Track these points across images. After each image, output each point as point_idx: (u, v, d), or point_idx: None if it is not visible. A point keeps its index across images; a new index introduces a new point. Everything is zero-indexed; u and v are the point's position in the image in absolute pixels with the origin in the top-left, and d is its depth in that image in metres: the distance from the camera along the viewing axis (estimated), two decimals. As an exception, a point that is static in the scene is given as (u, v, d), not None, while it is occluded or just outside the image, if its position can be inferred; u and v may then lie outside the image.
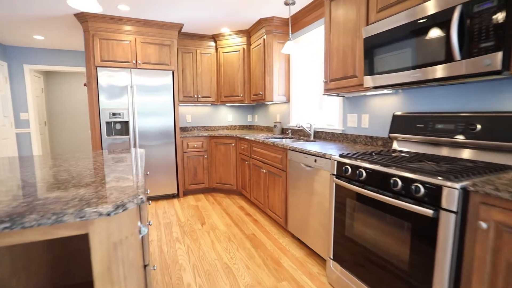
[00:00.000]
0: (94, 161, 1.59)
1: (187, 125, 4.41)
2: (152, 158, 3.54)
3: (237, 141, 3.71)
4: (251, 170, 3.29)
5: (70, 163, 1.52)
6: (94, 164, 1.51)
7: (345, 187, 1.63)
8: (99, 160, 1.63)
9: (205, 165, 3.89)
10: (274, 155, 2.66)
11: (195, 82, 4.03)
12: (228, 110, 4.65)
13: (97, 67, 3.20)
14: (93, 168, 1.40)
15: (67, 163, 1.53)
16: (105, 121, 3.28)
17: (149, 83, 3.43)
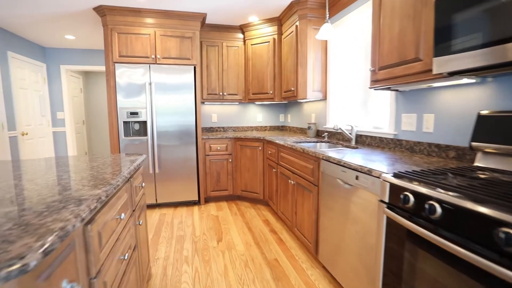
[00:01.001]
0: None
1: (212, 125, 4.09)
2: (172, 161, 3.26)
3: (265, 145, 3.25)
4: (278, 179, 2.81)
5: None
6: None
7: (403, 225, 1.07)
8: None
9: (229, 170, 3.51)
10: (304, 165, 2.15)
11: (221, 78, 3.67)
12: (257, 109, 4.22)
13: (115, 63, 3.01)
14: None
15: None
16: (122, 120, 3.08)
17: (169, 79, 3.15)
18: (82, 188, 0.98)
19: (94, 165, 1.42)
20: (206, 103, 4.01)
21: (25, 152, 3.92)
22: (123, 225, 1.20)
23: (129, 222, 1.33)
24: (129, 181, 1.42)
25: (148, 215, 3.10)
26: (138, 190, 1.61)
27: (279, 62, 3.46)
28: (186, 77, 3.19)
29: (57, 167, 1.39)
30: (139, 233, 1.56)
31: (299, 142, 2.72)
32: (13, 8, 2.93)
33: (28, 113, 4.02)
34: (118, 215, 1.13)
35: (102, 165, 1.42)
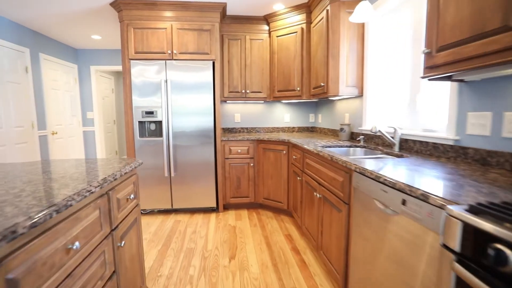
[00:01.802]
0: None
1: (235, 126, 3.80)
2: (188, 164, 3.03)
3: (289, 148, 2.87)
4: (303, 189, 2.42)
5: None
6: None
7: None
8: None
9: (251, 176, 3.19)
10: (332, 176, 1.74)
11: (243, 74, 3.37)
12: (284, 108, 3.84)
13: (131, 60, 2.86)
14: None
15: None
16: (137, 120, 2.93)
17: (186, 76, 2.92)
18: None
19: (67, 174, 1.18)
20: (228, 102, 3.74)
21: (55, 151, 4.02)
22: (82, 255, 0.93)
23: (99, 247, 1.06)
24: (107, 194, 1.16)
25: (162, 221, 2.91)
26: (124, 203, 1.35)
27: (307, 55, 3.05)
28: (204, 74, 2.94)
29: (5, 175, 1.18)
30: (122, 256, 1.29)
31: (328, 147, 2.30)
32: (32, 7, 2.93)
33: (58, 113, 4.12)
34: (70, 245, 0.86)
35: (76, 173, 1.18)
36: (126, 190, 1.37)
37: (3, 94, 3.15)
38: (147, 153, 2.96)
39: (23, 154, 3.41)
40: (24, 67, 3.47)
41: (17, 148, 3.34)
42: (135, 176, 1.51)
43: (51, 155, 3.92)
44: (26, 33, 3.51)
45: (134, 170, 1.53)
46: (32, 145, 3.58)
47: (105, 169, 1.28)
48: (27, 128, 3.50)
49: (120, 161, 1.51)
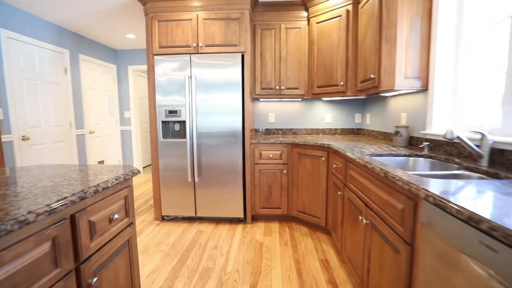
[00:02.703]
0: None
1: (269, 127, 3.42)
2: (214, 168, 2.74)
3: (329, 155, 2.40)
4: (344, 206, 1.94)
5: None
6: None
7: None
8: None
9: (284, 184, 2.78)
10: (385, 199, 1.25)
11: (278, 68, 2.97)
12: (326, 107, 3.34)
13: (155, 55, 2.67)
14: None
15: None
16: (161, 120, 2.72)
17: (212, 72, 2.63)
18: None
19: (32, 187, 0.93)
20: (261, 100, 3.37)
21: (92, 149, 4.10)
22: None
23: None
24: (70, 218, 0.88)
25: (184, 230, 2.66)
26: (105, 226, 1.06)
27: (353, 42, 2.53)
28: (232, 68, 2.61)
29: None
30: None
31: (379, 155, 1.78)
32: (60, 5, 2.92)
33: (96, 112, 4.20)
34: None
35: (39, 188, 0.92)
36: (109, 209, 1.09)
37: (43, 94, 3.24)
38: (170, 155, 2.75)
39: (60, 152, 3.49)
40: (63, 68, 3.55)
41: (55, 146, 3.42)
42: (126, 190, 1.22)
43: (88, 154, 4.00)
44: (67, 35, 3.60)
45: (128, 181, 1.25)
46: (70, 144, 3.66)
47: (85, 181, 1.01)
48: (65, 127, 3.58)
49: (111, 170, 1.24)
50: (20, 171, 1.24)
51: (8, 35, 2.83)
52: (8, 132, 2.84)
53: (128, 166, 1.34)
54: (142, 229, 2.69)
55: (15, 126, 2.90)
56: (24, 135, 3.01)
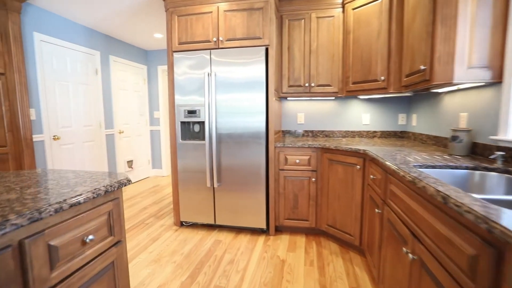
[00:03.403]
0: None
1: (297, 128, 3.11)
2: (235, 174, 2.52)
3: (365, 162, 2.03)
4: (383, 228, 1.57)
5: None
6: None
7: None
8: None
9: (312, 193, 2.46)
10: (444, 233, 0.89)
11: (307, 63, 2.66)
12: (362, 106, 2.93)
13: (174, 52, 2.53)
14: None
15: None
16: (179, 120, 2.58)
17: (233, 68, 2.41)
18: None
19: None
20: (289, 99, 3.07)
21: (121, 149, 4.15)
22: None
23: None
24: (20, 245, 0.70)
25: (201, 239, 2.48)
26: (76, 250, 0.88)
27: (398, 28, 2.12)
28: (255, 64, 2.37)
29: None
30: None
31: (430, 166, 1.39)
32: (86, 5, 2.92)
33: (126, 112, 4.26)
34: None
35: None
36: (82, 229, 0.90)
37: (74, 95, 3.32)
38: (189, 158, 2.59)
39: (90, 152, 3.57)
40: (94, 69, 3.62)
41: (85, 146, 3.50)
42: (110, 204, 1.04)
43: (117, 153, 4.06)
44: (98, 37, 3.67)
45: (114, 193, 1.06)
46: (99, 143, 3.73)
47: (54, 195, 0.84)
48: (95, 127, 3.65)
49: (96, 179, 1.06)
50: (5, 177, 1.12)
51: (41, 39, 2.92)
52: (40, 132, 2.93)
53: (119, 174, 1.16)
54: (160, 235, 2.57)
55: (47, 126, 2.98)
56: (55, 134, 3.09)
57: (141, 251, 2.27)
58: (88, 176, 1.14)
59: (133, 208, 3.30)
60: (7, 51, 2.56)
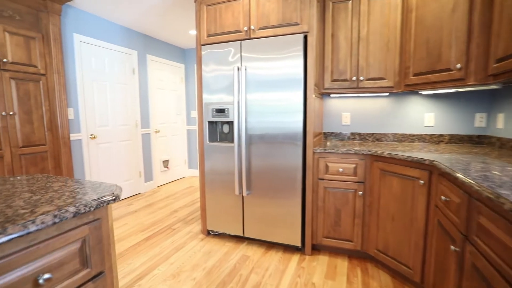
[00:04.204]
0: None
1: (342, 130, 2.68)
2: (266, 181, 2.21)
3: (432, 177, 1.55)
4: (464, 275, 1.11)
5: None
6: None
7: None
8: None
9: (358, 210, 2.04)
10: None
11: (355, 53, 2.22)
12: (425, 104, 2.38)
13: (202, 46, 2.31)
14: None
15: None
16: (207, 120, 2.36)
17: (266, 60, 2.10)
18: None
19: None
20: (332, 96, 2.66)
21: (157, 148, 4.14)
22: None
23: None
24: None
25: (227, 253, 2.22)
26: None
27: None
28: (291, 55, 2.02)
29: None
30: None
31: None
32: (121, 3, 2.87)
33: (163, 111, 4.24)
34: None
35: None
36: (36, 265, 0.68)
37: (111, 94, 3.36)
38: (217, 162, 2.36)
39: (126, 151, 3.59)
40: (131, 68, 3.64)
41: (121, 145, 3.52)
42: (86, 228, 0.81)
43: (153, 153, 4.05)
44: (135, 36, 3.67)
45: (93, 213, 0.83)
46: (135, 142, 3.74)
47: (4, 216, 0.63)
48: (131, 127, 3.67)
49: (73, 195, 0.84)
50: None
51: (81, 40, 2.97)
52: (78, 131, 2.98)
53: (108, 187, 0.94)
54: (184, 243, 2.39)
55: (84, 125, 3.03)
56: (92, 133, 3.14)
57: (162, 261, 2.10)
58: (77, 187, 0.94)
59: (163, 210, 3.21)
60: (48, 53, 2.62)
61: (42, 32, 2.60)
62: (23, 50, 2.45)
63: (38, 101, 2.57)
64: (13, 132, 2.40)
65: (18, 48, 2.42)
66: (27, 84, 2.49)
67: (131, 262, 2.10)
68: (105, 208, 0.89)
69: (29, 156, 2.51)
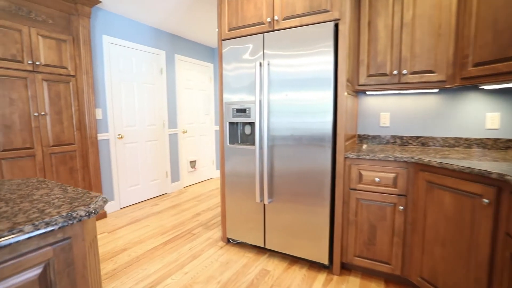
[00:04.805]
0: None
1: (380, 132, 2.35)
2: (290, 188, 1.99)
3: (502, 195, 1.20)
4: None
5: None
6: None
7: None
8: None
9: (398, 227, 1.72)
10: None
11: (397, 42, 1.90)
12: (487, 102, 1.96)
13: (223, 41, 2.16)
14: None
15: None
16: (227, 121, 2.20)
17: (291, 54, 1.87)
18: None
19: None
20: (368, 94, 2.34)
21: (184, 149, 4.12)
22: None
23: None
24: None
25: (245, 265, 2.04)
26: None
27: None
28: (319, 48, 1.77)
29: None
30: None
31: None
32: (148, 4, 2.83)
33: (191, 112, 4.21)
34: None
35: None
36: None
37: (139, 95, 3.38)
38: (237, 164, 2.19)
39: (153, 151, 3.60)
40: (159, 68, 3.64)
41: (148, 145, 3.54)
42: (50, 250, 0.67)
43: (180, 153, 4.03)
44: (163, 36, 3.67)
45: (61, 231, 0.70)
46: (162, 143, 3.74)
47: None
48: (158, 127, 3.67)
49: (39, 213, 0.72)
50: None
51: (110, 41, 3.02)
52: (106, 131, 3.03)
53: (90, 199, 0.80)
54: (202, 251, 2.26)
55: (112, 125, 3.08)
56: (120, 133, 3.18)
57: (176, 269, 1.99)
58: (59, 196, 0.83)
59: (187, 213, 3.13)
60: (78, 55, 2.68)
61: (73, 35, 2.66)
62: (54, 53, 2.52)
63: (68, 102, 2.64)
64: (45, 131, 2.48)
65: (50, 50, 2.49)
66: (58, 85, 2.56)
67: (146, 267, 2.02)
68: (80, 224, 0.75)
69: (59, 155, 2.59)
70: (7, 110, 2.26)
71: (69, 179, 2.67)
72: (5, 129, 2.26)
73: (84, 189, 2.79)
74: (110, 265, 2.05)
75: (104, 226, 2.76)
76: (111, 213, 3.12)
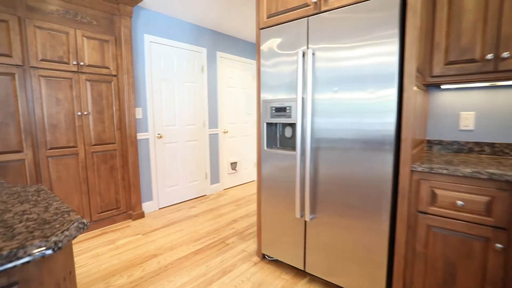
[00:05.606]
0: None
1: (459, 138, 1.82)
2: (336, 204, 1.63)
3: None
4: None
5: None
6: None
7: None
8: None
9: (492, 272, 1.24)
10: None
11: (493, 15, 1.39)
12: None
13: (261, 30, 1.88)
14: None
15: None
16: (265, 122, 1.92)
17: (341, 41, 1.51)
18: None
19: None
20: (444, 87, 1.83)
21: (225, 149, 3.97)
22: None
23: None
24: None
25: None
26: None
27: None
28: (377, 31, 1.38)
29: None
30: None
31: None
32: None
33: (233, 111, 4.04)
34: None
35: None
36: None
37: (179, 94, 3.32)
38: (275, 170, 1.91)
39: (192, 151, 3.52)
40: (200, 67, 3.54)
41: (188, 145, 3.46)
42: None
43: (221, 154, 3.90)
44: (204, 33, 3.56)
45: (5, 275, 0.50)
46: (202, 143, 3.64)
47: None
48: (199, 126, 3.58)
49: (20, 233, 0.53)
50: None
51: (151, 40, 2.99)
52: (145, 130, 3.02)
53: (66, 223, 0.60)
54: (234, 266, 2.02)
55: (152, 124, 3.06)
56: (159, 133, 3.15)
57: (203, 286, 1.79)
58: (32, 217, 0.65)
59: (223, 218, 2.96)
60: (119, 54, 2.69)
61: (115, 35, 2.67)
62: (97, 53, 2.55)
63: (109, 101, 2.67)
64: (87, 130, 2.53)
65: (94, 51, 2.53)
66: (100, 85, 2.59)
67: (173, 279, 1.86)
68: (36, 264, 0.55)
69: (100, 153, 2.62)
70: (54, 109, 2.34)
71: (109, 178, 2.70)
72: (52, 128, 2.34)
73: (123, 188, 2.81)
74: (138, 272, 1.95)
75: (141, 226, 2.73)
76: (149, 213, 3.10)
